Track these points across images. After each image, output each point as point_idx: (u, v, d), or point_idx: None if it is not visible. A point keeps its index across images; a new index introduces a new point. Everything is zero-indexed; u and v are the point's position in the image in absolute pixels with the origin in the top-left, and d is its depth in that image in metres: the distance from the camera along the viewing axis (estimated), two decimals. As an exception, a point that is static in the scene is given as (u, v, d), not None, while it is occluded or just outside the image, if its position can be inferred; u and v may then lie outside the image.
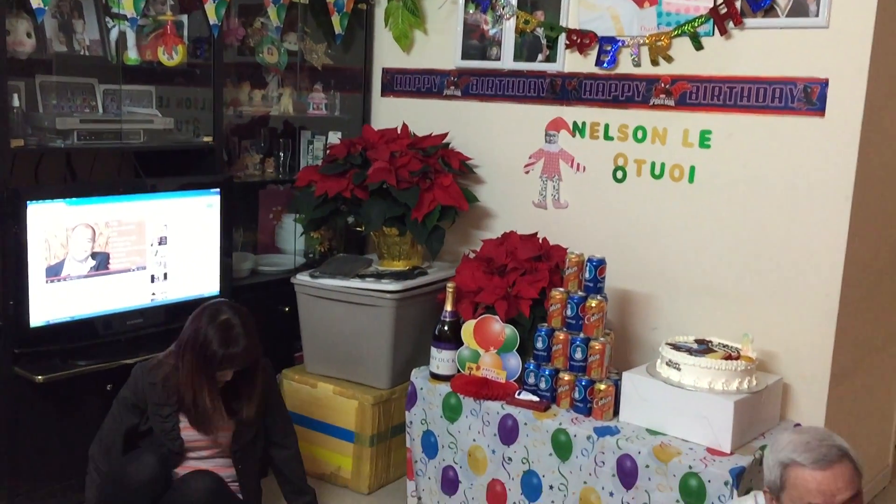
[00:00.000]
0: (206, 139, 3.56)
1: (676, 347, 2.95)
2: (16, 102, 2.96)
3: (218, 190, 3.51)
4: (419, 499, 3.37)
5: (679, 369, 2.87)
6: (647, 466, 2.76)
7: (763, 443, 2.82)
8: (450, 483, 3.27)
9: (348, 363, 3.60)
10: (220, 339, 2.70)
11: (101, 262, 3.17)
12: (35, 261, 2.96)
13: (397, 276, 3.61)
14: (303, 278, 3.66)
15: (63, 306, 3.07)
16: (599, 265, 3.10)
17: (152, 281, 3.34)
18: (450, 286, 3.37)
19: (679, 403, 2.83)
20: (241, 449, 2.85)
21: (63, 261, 3.04)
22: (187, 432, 2.79)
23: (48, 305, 3.02)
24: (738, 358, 2.87)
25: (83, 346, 3.16)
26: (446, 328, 3.34)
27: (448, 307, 3.36)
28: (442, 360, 3.33)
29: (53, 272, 3.02)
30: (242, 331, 2.74)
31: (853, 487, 1.80)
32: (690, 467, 2.68)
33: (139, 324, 3.32)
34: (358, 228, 3.81)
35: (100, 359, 3.17)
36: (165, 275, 3.38)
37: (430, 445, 3.32)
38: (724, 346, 2.99)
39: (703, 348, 2.96)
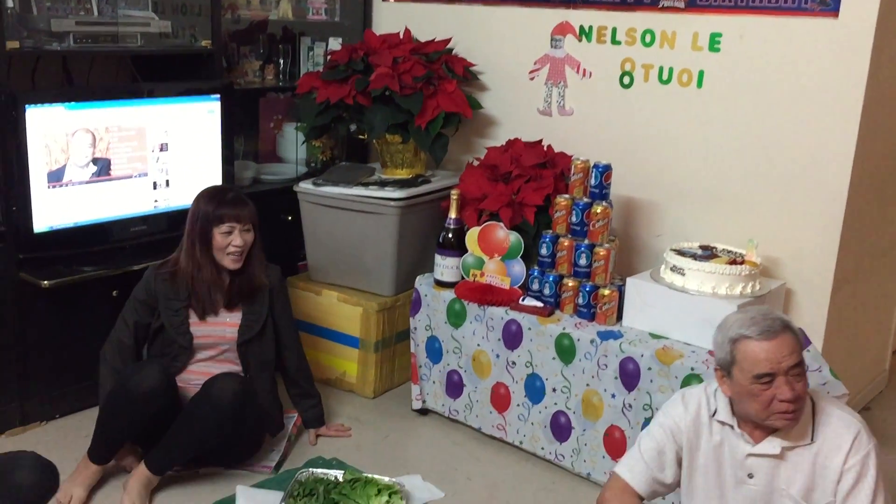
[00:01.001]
0: (204, 43, 3.48)
1: (681, 253, 2.96)
2: (10, 3, 2.89)
3: (218, 96, 3.45)
4: (423, 402, 3.43)
5: (683, 274, 2.88)
6: (650, 369, 2.79)
7: (764, 346, 2.85)
8: (454, 387, 3.33)
9: (352, 271, 3.61)
10: (214, 199, 2.80)
11: (103, 168, 3.14)
12: (36, 166, 2.94)
13: (401, 183, 3.58)
14: (306, 186, 3.64)
15: (66, 212, 3.06)
16: (605, 171, 3.08)
17: (154, 188, 3.32)
18: (454, 193, 3.36)
19: (682, 308, 2.85)
20: (246, 344, 2.88)
21: (64, 166, 3.02)
22: (196, 327, 2.83)
23: (51, 211, 3.01)
24: (742, 263, 2.88)
25: (88, 253, 3.17)
26: (450, 235, 3.34)
27: (452, 214, 3.35)
28: (446, 267, 3.34)
29: (55, 178, 3.00)
30: (235, 193, 2.84)
31: (797, 355, 1.90)
32: (692, 369, 2.71)
33: (142, 231, 3.32)
34: (360, 136, 3.77)
35: (104, 265, 3.19)
36: (167, 182, 3.35)
37: (435, 350, 3.36)
38: (729, 251, 3.00)
39: (708, 254, 2.97)
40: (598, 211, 3.05)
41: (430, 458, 3.16)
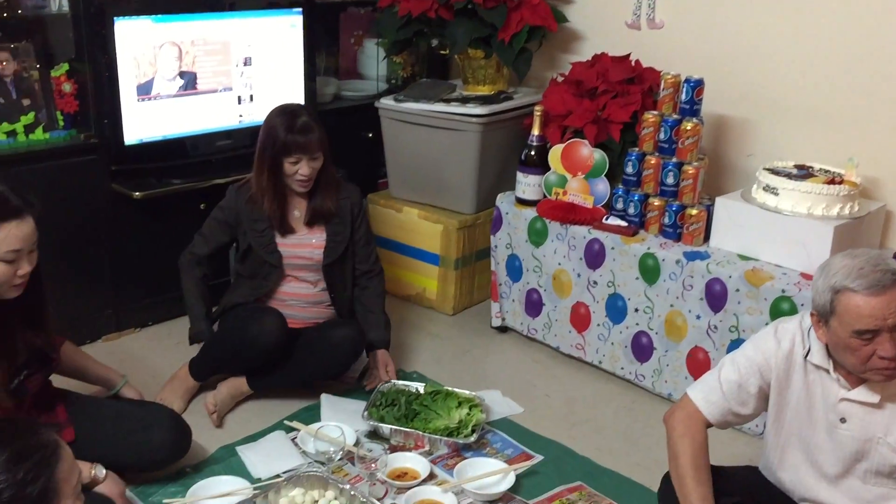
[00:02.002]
0: (286, -45, 3.44)
1: (775, 172, 2.84)
2: (97, -86, 2.89)
3: (300, 9, 3.42)
4: (503, 320, 3.44)
5: (777, 194, 2.78)
6: (738, 290, 2.73)
7: (860, 269, 2.75)
8: (533, 305, 3.32)
9: (433, 188, 3.60)
10: (284, 126, 2.74)
11: (189, 82, 3.17)
12: (126, 79, 2.98)
13: (483, 100, 3.52)
14: (387, 102, 3.61)
15: (154, 125, 3.11)
16: (697, 86, 2.96)
17: (239, 102, 3.34)
18: (537, 110, 3.29)
19: (774, 229, 2.76)
20: (331, 265, 2.90)
21: (152, 79, 3.06)
22: (284, 248, 2.84)
23: (140, 124, 3.06)
24: (840, 182, 2.75)
25: (175, 166, 3.23)
26: (533, 153, 3.28)
27: (535, 131, 3.29)
28: (528, 184, 3.29)
29: (144, 91, 3.04)
30: (305, 118, 2.76)
31: None
32: (783, 291, 2.64)
33: (227, 145, 3.36)
34: (442, 51, 3.71)
35: (192, 178, 3.25)
36: (251, 97, 3.37)
37: (515, 269, 3.35)
38: (826, 171, 2.87)
39: (804, 173, 2.85)
40: (689, 128, 2.95)
41: (508, 375, 3.18)
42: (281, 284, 2.90)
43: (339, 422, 2.55)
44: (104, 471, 2.20)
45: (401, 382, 2.89)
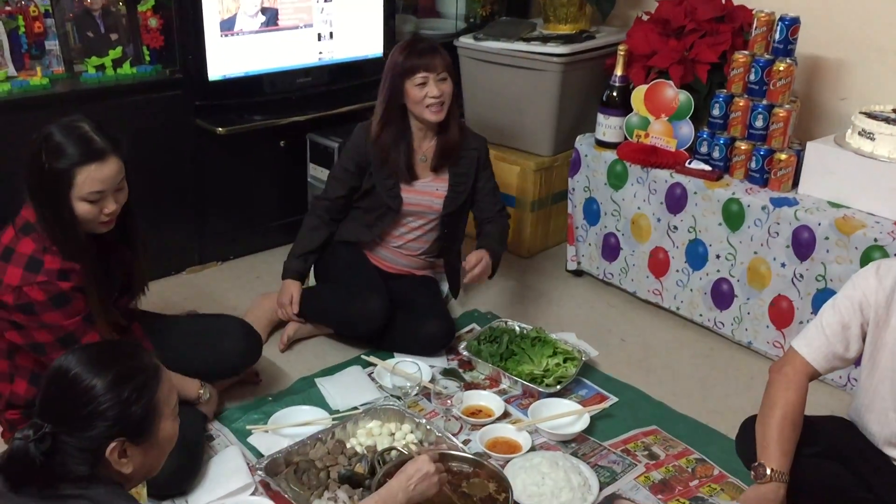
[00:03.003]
0: None
1: (871, 116, 2.72)
2: None
3: (381, -54, 3.38)
4: (578, 263, 3.41)
5: (873, 139, 2.66)
6: (827, 238, 2.64)
7: (959, 220, 2.63)
8: (611, 249, 3.28)
9: (511, 129, 3.55)
10: (404, 50, 2.67)
11: (271, 18, 3.17)
12: (209, 14, 3.00)
13: (564, 39, 3.44)
14: (466, 41, 3.57)
15: (237, 61, 3.13)
16: (792, 24, 2.83)
17: (319, 39, 3.34)
18: (621, 49, 3.19)
19: (869, 175, 2.65)
20: (450, 216, 2.84)
21: (235, 15, 3.07)
22: (407, 194, 2.79)
23: (223, 60, 3.09)
24: (942, 128, 2.62)
25: (256, 103, 3.26)
26: (615, 94, 3.20)
27: (618, 72, 3.20)
28: (609, 126, 3.22)
29: (227, 26, 3.06)
30: (426, 42, 2.69)
31: None
32: (876, 240, 2.54)
33: (307, 82, 3.37)
34: (523, -11, 3.62)
35: (272, 115, 3.28)
36: (331, 34, 3.36)
37: (592, 212, 3.30)
38: (927, 116, 2.74)
39: (903, 118, 2.72)
40: (781, 69, 2.83)
41: (583, 318, 3.16)
42: (395, 228, 2.87)
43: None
44: (210, 391, 2.31)
45: (514, 322, 2.88)
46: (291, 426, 2.37)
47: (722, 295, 2.96)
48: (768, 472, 1.88)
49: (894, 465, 1.98)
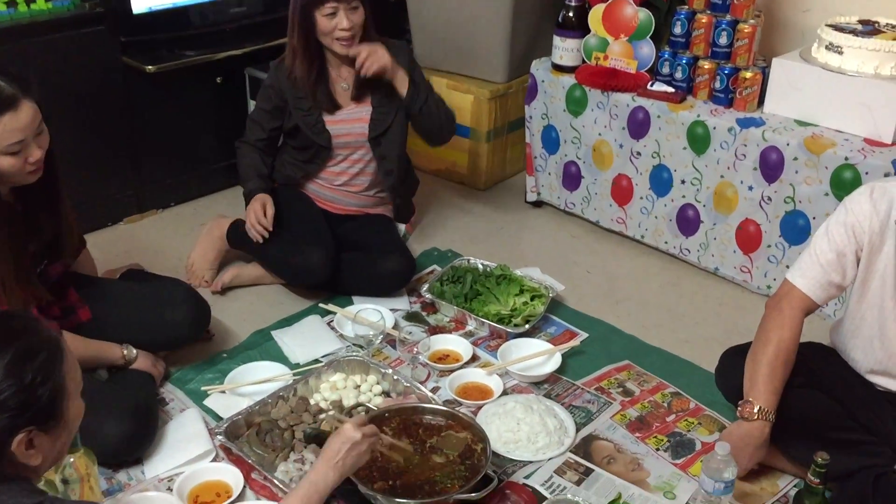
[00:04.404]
0: None
1: (838, 29, 2.61)
2: None
3: None
4: (538, 194, 3.30)
5: (840, 53, 2.56)
6: (796, 159, 2.56)
7: (928, 134, 2.57)
8: (571, 178, 3.16)
9: (462, 55, 3.37)
10: None
11: (198, -58, 2.92)
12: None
13: (515, -44, 3.25)
14: (410, -39, 3.35)
15: (164, -8, 2.89)
16: (755, -67, 2.69)
17: (252, -36, 3.10)
18: (576, -35, 3.02)
19: (837, 91, 2.56)
20: (378, 138, 2.69)
21: (158, -60, 2.81)
22: (333, 126, 2.65)
23: (149, -10, 2.84)
24: (912, 39, 2.53)
25: (188, 37, 3.03)
26: (571, 14, 3.04)
27: (573, -10, 3.04)
28: (566, 49, 3.07)
29: (150, -47, 2.80)
30: None
31: None
32: (847, 158, 2.47)
33: (241, 13, 3.15)
34: None
35: (205, 49, 3.05)
36: (265, -43, 3.12)
37: (551, 141, 3.17)
38: (894, 26, 2.64)
39: (870, 29, 2.62)
40: (745, -19, 2.70)
41: (546, 251, 3.06)
42: (332, 165, 2.72)
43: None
44: (135, 350, 2.16)
45: (478, 261, 2.77)
46: (250, 384, 2.23)
47: (687, 221, 2.88)
48: (756, 410, 1.82)
49: (877, 392, 1.94)
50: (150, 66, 2.87)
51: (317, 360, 2.36)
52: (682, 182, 2.85)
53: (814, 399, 1.91)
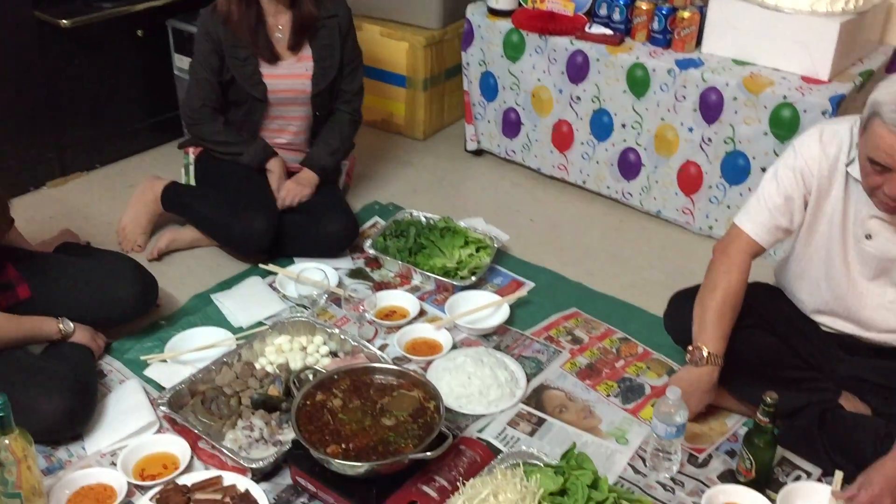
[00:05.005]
0: None
1: (774, -34, 2.60)
2: None
3: None
4: (478, 142, 3.25)
5: (777, -10, 2.55)
6: (735, 99, 2.55)
7: (862, 69, 2.59)
8: (511, 125, 3.12)
9: (394, 1, 3.26)
10: None
11: None
12: None
13: None
14: None
15: (74, -61, 2.71)
16: None
17: None
18: None
19: (773, 29, 2.55)
20: (321, 94, 2.61)
21: None
22: (270, 80, 2.54)
23: (58, -62, 2.66)
24: (845, -26, 2.53)
25: (105, -12, 2.86)
26: (505, -45, 2.96)
27: (507, -71, 2.96)
28: (502, -8, 3.00)
29: None
30: None
31: None
32: (785, 97, 2.47)
33: (161, -39, 2.98)
34: None
35: (124, 1, 2.89)
36: None
37: (490, 88, 3.11)
38: (829, -38, 2.63)
39: (805, -34, 2.61)
40: (681, -82, 2.66)
41: (489, 201, 3.03)
42: (270, 122, 2.62)
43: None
44: (71, 324, 2.06)
45: (420, 213, 2.72)
46: (192, 351, 2.16)
47: (629, 165, 2.87)
48: (705, 355, 1.83)
49: (822, 332, 1.97)
50: (64, 21, 2.71)
51: (260, 323, 2.30)
52: (623, 126, 2.83)
53: (761, 339, 1.93)
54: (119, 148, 3.15)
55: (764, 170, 2.50)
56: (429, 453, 1.69)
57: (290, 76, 2.57)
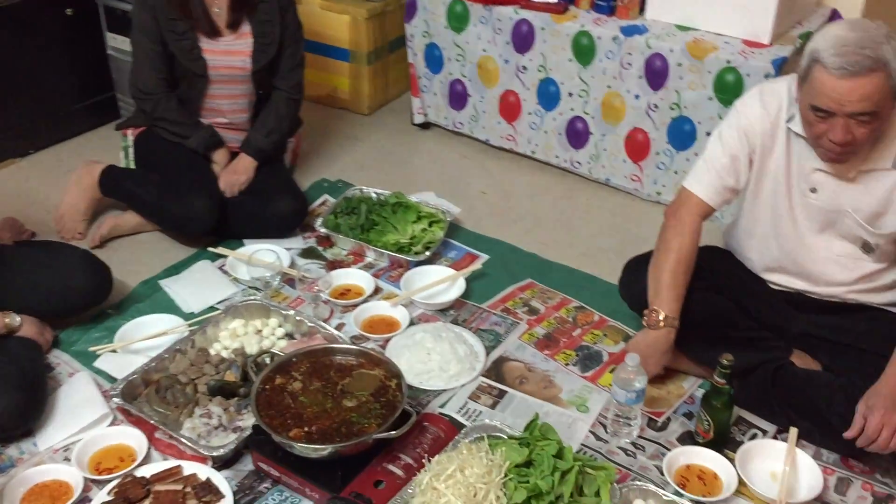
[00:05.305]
0: None
1: (714, -70, 2.60)
2: None
3: None
4: (425, 115, 3.21)
5: (717, -45, 2.56)
6: (680, 65, 2.57)
7: (802, 31, 2.63)
8: (458, 97, 3.09)
9: (334, -27, 3.21)
10: None
11: None
12: None
13: None
14: None
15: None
16: None
17: None
18: None
19: (715, -7, 2.57)
20: (260, 72, 2.53)
21: None
22: (210, 55, 2.46)
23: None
24: (784, -62, 2.55)
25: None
26: (446, -76, 2.92)
27: None
28: (443, -38, 2.95)
29: None
30: None
31: (871, 103, 1.62)
32: (728, 62, 2.49)
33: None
34: None
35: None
36: None
37: (435, 59, 3.08)
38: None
39: (744, -70, 2.62)
40: None
41: (438, 174, 3.01)
42: (210, 100, 2.54)
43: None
44: (17, 317, 1.99)
45: (371, 189, 2.68)
46: (143, 340, 2.10)
47: (577, 134, 2.88)
48: (661, 318, 1.85)
49: (772, 290, 2.01)
50: (-13, -1, 2.60)
51: (212, 308, 2.25)
52: (570, 95, 2.83)
53: (714, 301, 1.96)
54: (54, 132, 3.04)
55: (709, 134, 2.53)
56: (393, 432, 1.68)
57: (229, 52, 2.50)
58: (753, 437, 1.92)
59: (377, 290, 2.35)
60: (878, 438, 1.70)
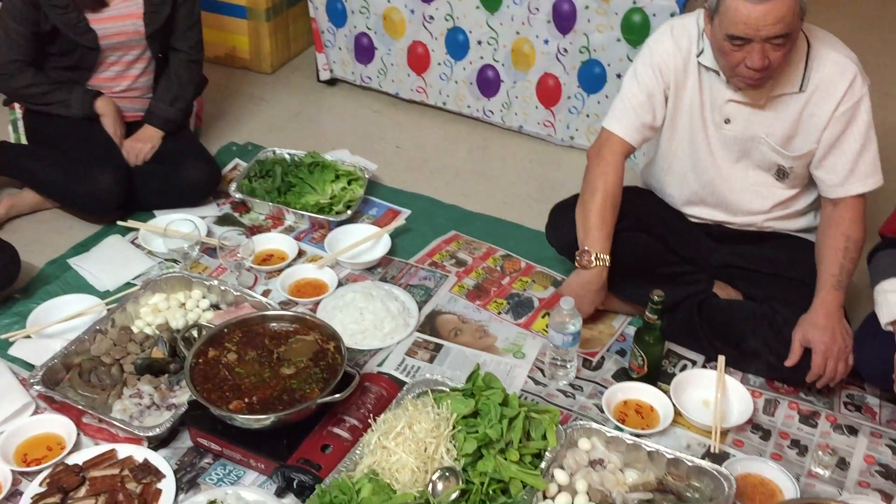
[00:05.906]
0: None
1: None
2: None
3: None
4: (331, 71, 3.13)
5: None
6: (587, 7, 2.57)
7: (703, -29, 2.67)
8: (364, 51, 3.02)
9: (224, -75, 3.06)
10: None
11: None
12: None
13: None
14: None
15: None
16: None
17: None
18: None
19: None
20: (156, 34, 2.40)
21: None
22: (97, 24, 2.30)
23: None
24: None
25: None
26: None
27: None
28: None
29: None
30: None
31: (784, 25, 1.67)
32: (634, 2, 2.51)
33: None
34: None
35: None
36: None
37: (337, 12, 2.99)
38: None
39: None
40: None
41: (350, 131, 2.95)
42: (102, 70, 2.39)
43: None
44: None
45: (284, 151, 2.60)
46: (58, 323, 2.00)
47: (488, 82, 2.86)
48: (593, 258, 1.88)
49: (692, 224, 2.06)
50: None
51: (129, 284, 2.16)
52: (479, 43, 2.80)
53: (639, 240, 2.00)
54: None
55: (619, 76, 2.58)
56: (338, 395, 1.65)
57: (119, 17, 2.34)
58: (684, 368, 1.98)
59: (301, 254, 2.30)
60: (825, 371, 1.79)
